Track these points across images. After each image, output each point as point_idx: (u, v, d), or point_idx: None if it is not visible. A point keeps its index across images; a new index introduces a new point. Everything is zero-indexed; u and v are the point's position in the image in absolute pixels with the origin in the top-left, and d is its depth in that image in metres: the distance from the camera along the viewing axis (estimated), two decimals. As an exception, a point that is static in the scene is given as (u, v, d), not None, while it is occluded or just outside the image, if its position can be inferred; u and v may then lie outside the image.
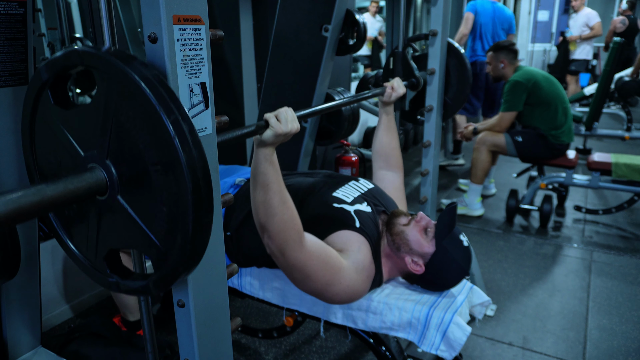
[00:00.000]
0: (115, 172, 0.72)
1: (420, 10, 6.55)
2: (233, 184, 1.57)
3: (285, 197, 1.11)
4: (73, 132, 0.77)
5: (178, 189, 0.67)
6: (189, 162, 0.65)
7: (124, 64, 0.66)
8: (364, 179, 1.59)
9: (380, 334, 1.38)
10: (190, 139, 0.66)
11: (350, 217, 1.33)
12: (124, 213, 0.73)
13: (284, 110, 1.07)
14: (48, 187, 0.63)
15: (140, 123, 0.68)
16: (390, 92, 1.67)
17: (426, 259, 1.32)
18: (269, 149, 1.08)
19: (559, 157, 3.15)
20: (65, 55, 0.73)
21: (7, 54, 1.08)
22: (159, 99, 0.65)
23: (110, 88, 0.69)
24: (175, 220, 0.69)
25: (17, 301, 1.32)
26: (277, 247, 1.12)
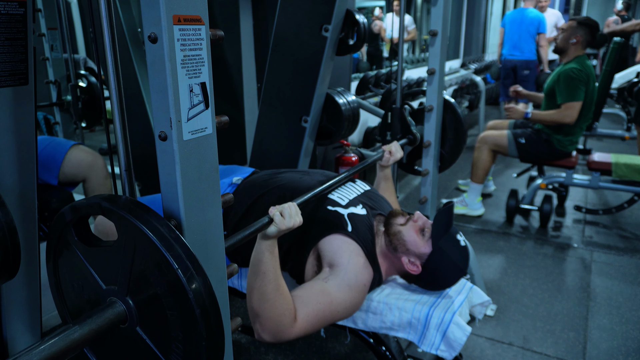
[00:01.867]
0: (134, 308, 0.78)
1: (420, 10, 6.55)
2: (230, 183, 1.57)
3: (280, 286, 1.15)
4: (95, 267, 0.83)
5: (193, 335, 0.73)
6: (204, 314, 0.72)
7: (140, 222, 0.73)
8: (360, 181, 1.59)
9: (380, 334, 1.38)
10: (204, 291, 0.72)
11: (343, 221, 1.33)
12: (143, 344, 0.79)
13: (287, 206, 1.14)
14: (75, 331, 0.70)
15: (158, 274, 0.74)
16: (389, 157, 1.72)
17: (423, 259, 1.32)
18: (271, 241, 1.14)
19: (560, 160, 3.14)
20: (89, 205, 0.81)
21: (7, 54, 1.08)
22: (176, 258, 0.71)
23: (129, 239, 0.75)
24: (191, 358, 0.75)
25: (17, 301, 1.32)
26: (268, 332, 1.15)
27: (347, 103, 2.05)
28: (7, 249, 1.13)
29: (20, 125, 1.15)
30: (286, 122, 2.04)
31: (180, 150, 0.77)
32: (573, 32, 2.99)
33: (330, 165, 2.91)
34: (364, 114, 3.22)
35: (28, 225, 1.26)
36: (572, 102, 2.89)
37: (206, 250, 0.86)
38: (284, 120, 2.05)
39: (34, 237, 1.29)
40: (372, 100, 3.70)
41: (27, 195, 1.24)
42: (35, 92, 1.17)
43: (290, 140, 2.05)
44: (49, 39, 2.58)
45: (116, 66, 0.81)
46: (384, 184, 1.76)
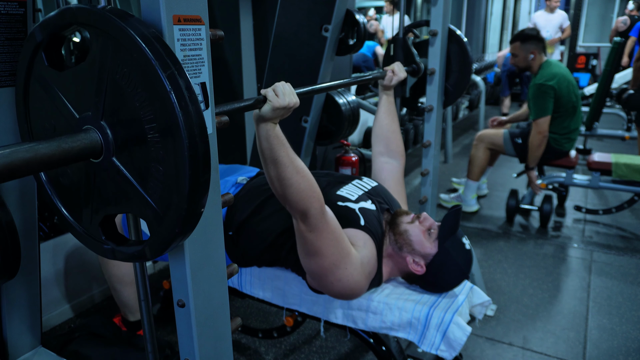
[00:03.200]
0: (110, 134, 0.70)
1: (420, 10, 6.55)
2: (235, 182, 1.57)
3: (298, 167, 1.10)
4: (68, 94, 0.75)
5: (174, 147, 0.65)
6: (186, 118, 0.64)
7: (121, 20, 0.64)
8: (367, 177, 1.59)
9: (380, 334, 1.38)
10: (187, 94, 0.64)
11: (355, 215, 1.33)
12: (120, 175, 0.71)
13: (281, 84, 1.06)
14: (41, 144, 0.61)
15: (135, 80, 0.66)
16: (391, 75, 1.65)
17: (427, 260, 1.32)
18: (269, 124, 1.07)
19: (559, 159, 3.15)
20: (59, 13, 0.71)
21: (7, 54, 1.08)
22: (155, 54, 0.63)
23: (105, 45, 0.67)
24: (171, 180, 0.67)
25: (17, 301, 1.32)
26: (300, 214, 1.13)
27: (347, 103, 2.05)
28: (7, 249, 1.14)
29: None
30: (286, 122, 2.03)
31: (180, 149, 0.77)
32: (525, 51, 3.01)
33: (330, 165, 2.91)
34: (364, 114, 3.22)
35: (28, 225, 1.26)
36: (540, 118, 2.93)
37: (206, 250, 0.86)
38: (284, 120, 2.04)
39: (34, 237, 1.29)
40: (372, 100, 3.70)
41: (27, 195, 1.24)
42: (35, 92, 1.17)
43: (290, 140, 2.02)
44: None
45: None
46: (386, 105, 1.69)
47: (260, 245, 1.41)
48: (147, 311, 0.96)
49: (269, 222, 1.41)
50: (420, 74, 1.89)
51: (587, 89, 4.78)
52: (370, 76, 1.63)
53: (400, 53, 1.88)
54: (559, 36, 6.33)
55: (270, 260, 1.44)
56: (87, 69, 0.71)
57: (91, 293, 2.21)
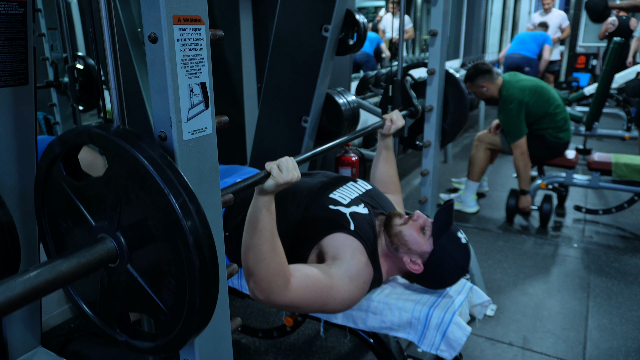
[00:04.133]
0: (125, 244, 0.75)
1: (420, 10, 6.55)
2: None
3: (275, 245, 1.13)
4: (84, 202, 0.80)
5: (186, 266, 0.70)
6: (197, 242, 0.69)
7: (132, 147, 0.69)
8: (362, 180, 1.59)
9: (380, 334, 1.38)
10: (197, 219, 0.69)
11: (345, 220, 1.33)
12: (134, 281, 0.76)
13: (285, 160, 1.11)
14: (62, 263, 0.67)
15: (149, 203, 0.71)
16: (390, 124, 1.69)
17: (424, 258, 1.32)
18: (268, 197, 1.11)
19: (558, 157, 3.15)
20: (78, 134, 0.77)
21: (7, 54, 1.08)
22: (167, 183, 0.68)
23: (120, 168, 0.73)
24: (183, 293, 0.72)
25: (17, 301, 1.32)
26: (262, 292, 1.14)
27: (347, 103, 2.05)
28: (7, 248, 1.14)
29: (20, 125, 1.15)
30: (286, 122, 2.04)
31: (180, 150, 0.77)
32: (477, 87, 3.10)
33: (330, 165, 2.91)
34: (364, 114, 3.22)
35: (28, 225, 1.26)
36: (516, 141, 3.01)
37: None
38: (284, 120, 2.05)
39: (34, 237, 1.29)
40: (372, 100, 3.70)
41: (27, 195, 1.24)
42: (35, 92, 1.17)
43: (290, 140, 2.05)
44: (49, 39, 2.58)
45: (116, 66, 0.81)
46: (384, 153, 1.73)
47: None
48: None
49: None
50: (418, 115, 1.96)
51: (587, 89, 4.77)
52: (370, 127, 1.67)
53: (399, 96, 1.94)
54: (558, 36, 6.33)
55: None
56: (104, 183, 0.76)
57: (91, 293, 2.20)
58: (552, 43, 6.06)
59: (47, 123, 2.67)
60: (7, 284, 0.60)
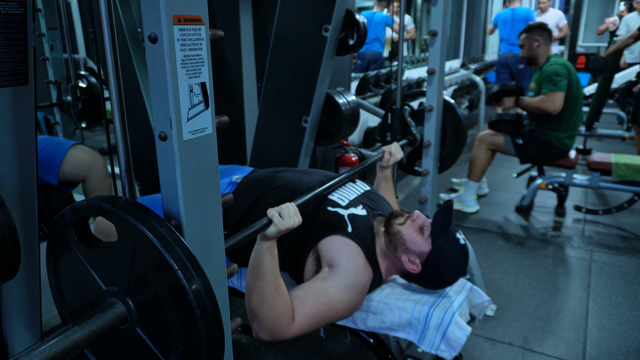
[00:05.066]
0: (134, 309, 0.79)
1: (420, 10, 6.55)
2: (230, 182, 1.57)
3: (279, 286, 1.15)
4: (95, 267, 0.83)
5: (193, 336, 0.73)
6: (203, 315, 0.72)
7: (140, 223, 0.73)
8: (360, 181, 1.59)
9: (380, 334, 1.38)
10: (204, 291, 0.72)
11: (343, 222, 1.33)
12: (143, 343, 0.80)
13: (285, 207, 1.14)
14: (75, 332, 0.70)
15: (158, 275, 0.74)
16: (389, 157, 1.71)
17: (423, 258, 1.32)
18: (270, 242, 1.14)
19: (559, 159, 3.15)
20: (89, 206, 0.81)
21: (7, 54, 1.08)
22: (175, 260, 0.71)
23: (129, 240, 0.75)
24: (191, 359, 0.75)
25: (17, 301, 1.32)
26: (266, 333, 1.16)
27: (347, 103, 2.05)
28: (7, 249, 1.14)
29: (20, 125, 1.15)
30: (286, 122, 2.04)
31: (180, 150, 0.77)
32: (530, 39, 3.12)
33: (330, 165, 2.91)
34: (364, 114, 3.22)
35: (28, 225, 1.26)
36: (556, 91, 2.96)
37: (206, 251, 0.86)
38: (284, 120, 2.05)
39: (34, 237, 1.29)
40: (372, 100, 3.70)
41: (27, 195, 1.24)
42: (35, 92, 1.17)
43: (290, 140, 2.05)
44: (49, 39, 2.58)
45: (116, 66, 0.81)
46: (383, 184, 1.76)
47: None
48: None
49: None
50: (417, 144, 1.99)
51: (587, 89, 4.78)
52: (370, 161, 1.69)
53: (397, 125, 1.97)
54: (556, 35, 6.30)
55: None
56: (115, 252, 0.78)
57: (91, 293, 2.20)
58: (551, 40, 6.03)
59: (47, 123, 2.67)
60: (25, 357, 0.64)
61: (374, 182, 1.79)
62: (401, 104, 1.97)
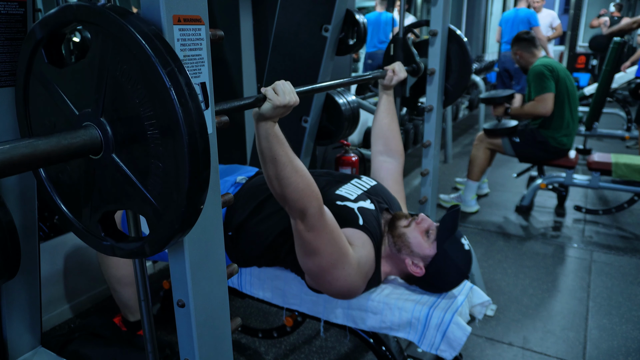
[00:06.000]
0: (110, 130, 0.70)
1: (420, 10, 6.55)
2: (234, 182, 1.57)
3: (297, 166, 1.10)
4: (68, 91, 0.75)
5: (174, 144, 0.65)
6: (186, 115, 0.63)
7: (121, 17, 0.64)
8: (366, 177, 1.58)
9: (380, 334, 1.38)
10: (187, 91, 0.64)
11: (353, 215, 1.33)
12: (119, 172, 0.71)
13: (281, 83, 1.06)
14: (40, 140, 0.61)
15: (135, 77, 0.66)
16: (392, 75, 1.66)
17: (426, 262, 1.31)
18: (269, 123, 1.07)
19: (559, 159, 3.15)
20: (60, 10, 0.71)
21: (7, 54, 1.08)
22: (155, 51, 0.63)
23: (105, 42, 0.67)
24: (171, 176, 0.67)
25: (17, 301, 1.32)
26: (298, 213, 1.13)
27: (347, 103, 2.05)
28: (7, 249, 1.14)
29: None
30: (286, 122, 2.03)
31: (180, 149, 0.76)
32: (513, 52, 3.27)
33: (331, 165, 2.91)
34: (364, 114, 3.22)
35: (28, 225, 1.26)
36: (543, 94, 3.00)
37: (206, 251, 0.86)
38: (284, 121, 2.03)
39: (34, 237, 1.29)
40: (372, 100, 3.70)
41: (27, 195, 1.24)
42: (35, 92, 1.17)
43: (290, 140, 2.02)
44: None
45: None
46: (386, 104, 1.69)
47: (259, 246, 1.41)
48: (147, 311, 0.96)
49: (268, 223, 1.40)
50: (420, 73, 1.90)
51: (587, 89, 4.77)
52: (370, 75, 1.63)
53: (400, 53, 1.88)
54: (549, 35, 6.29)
55: (270, 260, 1.44)
56: (87, 66, 0.71)
57: (91, 293, 2.21)
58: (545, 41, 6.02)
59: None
60: None
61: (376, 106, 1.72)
62: (404, 33, 1.90)
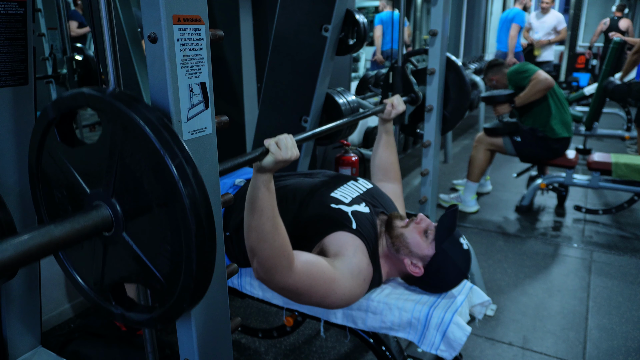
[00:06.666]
0: (120, 210, 0.73)
1: (420, 10, 6.55)
2: (232, 184, 1.57)
3: (277, 224, 1.12)
4: (79, 169, 0.78)
5: (182, 230, 0.68)
6: (193, 205, 0.67)
7: (128, 108, 0.67)
8: (363, 179, 1.58)
9: (380, 334, 1.38)
10: (194, 181, 0.67)
11: (347, 218, 1.33)
12: (129, 249, 0.74)
13: (284, 137, 1.09)
14: (56, 228, 0.65)
15: (145, 164, 0.69)
16: (390, 109, 1.68)
17: (425, 262, 1.31)
18: (267, 175, 1.09)
19: (559, 157, 3.15)
20: (72, 96, 0.74)
21: (7, 54, 1.08)
22: (163, 143, 0.66)
23: (115, 130, 0.71)
24: (179, 259, 0.70)
25: (17, 301, 1.32)
26: (265, 272, 1.13)
27: (347, 103, 2.05)
28: (7, 249, 1.13)
29: (20, 125, 1.16)
30: (286, 122, 2.04)
31: (180, 150, 0.77)
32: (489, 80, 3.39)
33: (330, 165, 2.91)
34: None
35: (28, 225, 1.26)
36: (532, 74, 3.06)
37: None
38: (284, 120, 2.05)
39: (34, 237, 1.29)
40: (372, 100, 3.70)
41: (27, 195, 1.24)
42: (35, 92, 1.17)
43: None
44: (49, 39, 2.58)
45: (116, 66, 0.81)
46: (385, 138, 1.71)
47: None
48: (147, 311, 0.96)
49: None
50: (419, 102, 1.94)
51: (587, 89, 4.77)
52: (370, 111, 1.65)
53: (399, 82, 1.93)
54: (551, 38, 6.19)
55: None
56: (99, 148, 0.74)
57: (91, 293, 2.20)
58: (543, 45, 6.00)
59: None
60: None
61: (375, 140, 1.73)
62: (403, 62, 1.92)
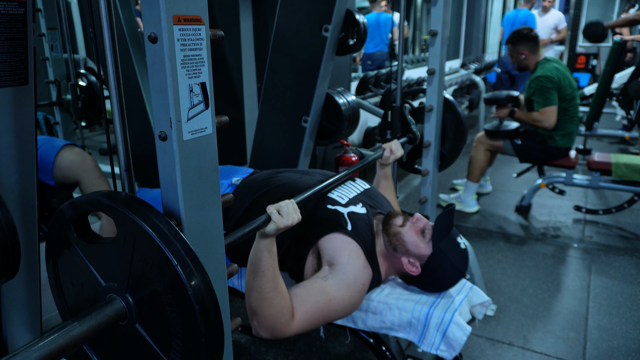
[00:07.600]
0: (133, 305, 0.78)
1: (420, 10, 6.55)
2: (230, 184, 1.57)
3: (278, 284, 1.15)
4: (94, 263, 0.83)
5: (193, 331, 0.73)
6: (203, 311, 0.71)
7: (140, 218, 0.72)
8: (360, 180, 1.59)
9: (380, 334, 1.38)
10: (204, 287, 0.72)
11: (342, 220, 1.33)
12: (142, 340, 0.79)
13: (285, 204, 1.13)
14: (74, 327, 0.70)
15: (157, 270, 0.73)
16: (389, 155, 1.71)
17: (422, 261, 1.32)
18: (269, 240, 1.14)
19: (559, 159, 3.15)
20: (89, 201, 0.80)
21: (7, 54, 1.08)
22: (175, 254, 0.71)
23: (128, 235, 0.75)
24: (190, 355, 0.74)
25: (17, 301, 1.32)
26: (266, 330, 1.16)
27: (347, 103, 2.05)
28: (7, 249, 1.13)
29: (20, 125, 1.15)
30: (286, 122, 2.04)
31: (180, 150, 0.77)
32: (516, 52, 3.13)
33: (330, 165, 2.91)
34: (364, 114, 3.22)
35: (28, 225, 1.26)
36: (547, 107, 2.97)
37: (206, 250, 0.86)
38: (284, 120, 2.05)
39: (34, 237, 1.29)
40: (372, 100, 3.70)
41: (27, 195, 1.24)
42: (35, 92, 1.17)
43: (290, 140, 2.05)
44: (49, 39, 2.58)
45: (116, 66, 0.81)
46: (384, 182, 1.75)
47: None
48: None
49: None
50: (417, 142, 1.99)
51: (587, 89, 4.77)
52: (369, 159, 1.68)
53: (398, 122, 1.97)
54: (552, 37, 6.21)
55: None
56: (114, 248, 0.78)
57: (91, 293, 2.20)
58: (544, 44, 6.00)
59: (47, 123, 2.67)
60: (24, 353, 0.64)
61: (373, 181, 1.79)
62: (401, 102, 1.97)
